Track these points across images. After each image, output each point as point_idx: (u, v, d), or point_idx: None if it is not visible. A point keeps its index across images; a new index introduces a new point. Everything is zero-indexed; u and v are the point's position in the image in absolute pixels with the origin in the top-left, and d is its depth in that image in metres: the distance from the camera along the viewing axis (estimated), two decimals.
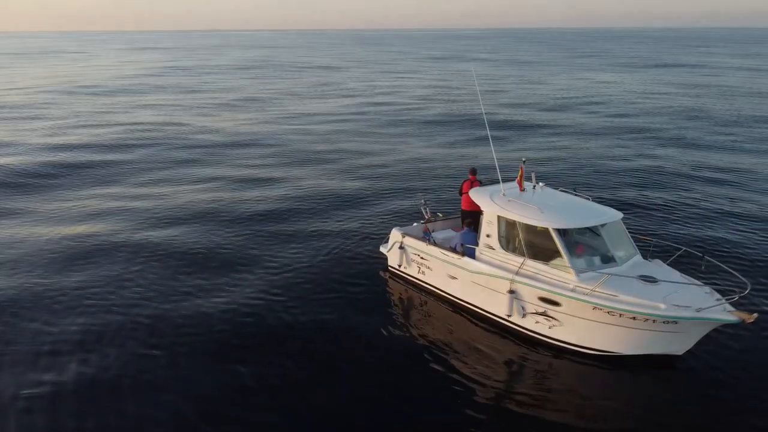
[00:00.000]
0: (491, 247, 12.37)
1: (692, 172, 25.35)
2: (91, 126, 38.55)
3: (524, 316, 11.73)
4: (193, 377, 10.83)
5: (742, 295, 9.78)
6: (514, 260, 11.80)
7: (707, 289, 10.59)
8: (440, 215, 15.77)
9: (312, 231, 18.27)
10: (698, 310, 9.81)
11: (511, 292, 11.64)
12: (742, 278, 10.33)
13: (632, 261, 11.53)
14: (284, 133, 36.37)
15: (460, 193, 15.20)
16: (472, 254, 12.73)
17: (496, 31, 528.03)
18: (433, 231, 14.91)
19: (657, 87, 58.52)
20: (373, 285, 14.53)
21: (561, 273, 11.08)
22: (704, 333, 10.38)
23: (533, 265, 11.43)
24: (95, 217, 20.24)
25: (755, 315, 9.47)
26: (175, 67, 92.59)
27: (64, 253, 16.82)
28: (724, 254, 15.45)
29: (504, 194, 12.68)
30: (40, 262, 16.19)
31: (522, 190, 12.88)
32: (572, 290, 10.81)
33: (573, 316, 10.93)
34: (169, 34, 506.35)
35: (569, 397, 10.12)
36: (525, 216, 11.68)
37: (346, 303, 13.53)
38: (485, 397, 10.11)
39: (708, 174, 24.96)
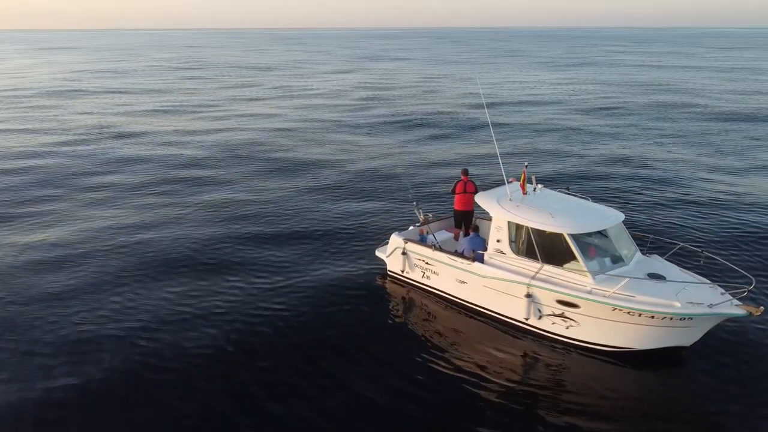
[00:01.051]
0: (502, 252, 12.68)
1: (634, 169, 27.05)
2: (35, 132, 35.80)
3: (540, 318, 12.15)
4: (188, 384, 10.81)
5: (749, 289, 10.59)
6: (528, 264, 12.17)
7: (710, 284, 11.41)
8: (431, 216, 15.92)
9: (298, 238, 17.96)
10: (710, 306, 10.55)
11: (528, 295, 12.02)
12: (745, 273, 11.23)
13: (636, 258, 12.21)
14: (232, 135, 35.37)
15: (453, 193, 15.45)
16: (480, 259, 13.01)
17: (408, 30, 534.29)
18: (428, 233, 15.07)
19: (580, 84, 61.69)
20: (375, 291, 14.52)
21: (576, 276, 11.56)
22: (712, 326, 11.18)
23: (548, 269, 11.85)
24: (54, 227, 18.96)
25: (761, 308, 10.32)
26: (102, 70, 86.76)
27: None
28: (698, 243, 16.67)
29: (510, 199, 13.02)
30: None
31: (525, 193, 13.29)
32: (589, 292, 11.32)
33: (591, 316, 11.45)
34: (69, 33, 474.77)
35: (583, 391, 10.62)
36: (537, 222, 12.06)
37: (347, 311, 13.47)
38: (498, 394, 10.50)
39: (625, 168, 26.72)
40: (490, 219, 15.80)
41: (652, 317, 10.85)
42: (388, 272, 15.10)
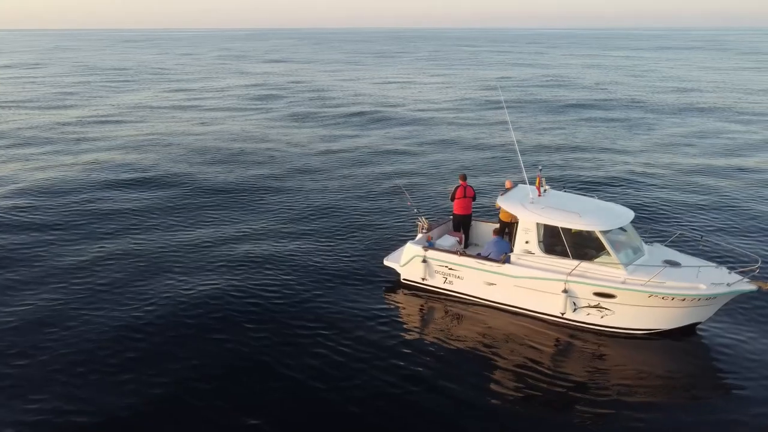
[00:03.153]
0: (530, 252, 13.41)
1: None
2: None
3: (575, 310, 13.05)
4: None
5: (758, 266, 12.27)
6: (560, 262, 13.02)
7: (716, 266, 13.04)
8: (425, 220, 16.22)
9: (299, 253, 17.32)
10: (729, 285, 12.12)
11: (565, 291, 12.87)
12: (748, 253, 12.99)
13: (647, 249, 13.59)
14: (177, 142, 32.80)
15: (452, 199, 15.96)
16: (508, 261, 13.65)
17: (266, 31, 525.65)
18: (433, 239, 15.42)
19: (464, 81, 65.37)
20: (390, 300, 14.55)
21: (609, 269, 12.61)
22: (725, 302, 12.81)
23: (583, 265, 12.78)
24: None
25: None
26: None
27: None
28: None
29: (532, 201, 13.80)
30: None
31: (540, 194, 14.17)
32: (623, 282, 12.43)
33: (626, 304, 12.56)
34: None
35: (618, 373, 11.63)
36: (568, 221, 12.94)
37: (372, 322, 13.41)
38: (537, 383, 11.23)
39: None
40: (485, 221, 16.70)
41: (683, 300, 12.20)
42: (403, 281, 15.22)
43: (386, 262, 15.68)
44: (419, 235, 15.51)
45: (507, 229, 15.41)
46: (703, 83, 65.01)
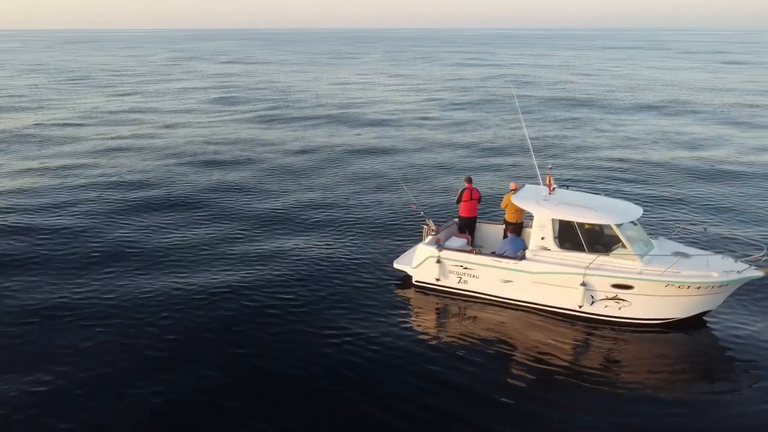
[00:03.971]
0: (546, 248, 13.64)
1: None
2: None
3: (593, 303, 13.34)
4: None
5: (763, 254, 12.86)
6: (576, 256, 13.28)
7: (723, 255, 13.59)
8: (432, 223, 16.28)
9: (305, 258, 17.00)
10: (739, 272, 12.65)
11: (583, 284, 13.14)
12: (754, 242, 13.58)
13: (655, 242, 14.04)
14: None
15: (458, 201, 16.07)
16: (522, 258, 13.84)
17: (208, 32, 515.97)
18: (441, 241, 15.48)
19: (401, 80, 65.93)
20: (403, 302, 14.50)
21: (626, 261, 12.95)
22: (734, 290, 13.36)
23: (600, 258, 13.09)
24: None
25: None
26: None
27: None
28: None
29: (545, 199, 14.04)
30: None
31: (550, 192, 14.43)
32: (640, 273, 12.81)
33: (644, 294, 12.93)
34: None
35: (634, 362, 11.97)
36: (583, 216, 13.23)
37: (390, 326, 13.31)
38: (555, 376, 11.47)
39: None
40: (489, 223, 16.84)
41: (698, 288, 12.66)
42: (415, 282, 15.19)
43: (396, 265, 15.63)
44: (428, 238, 15.51)
45: (513, 231, 15.58)
46: (653, 82, 67.74)
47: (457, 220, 16.57)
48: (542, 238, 13.66)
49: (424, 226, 16.40)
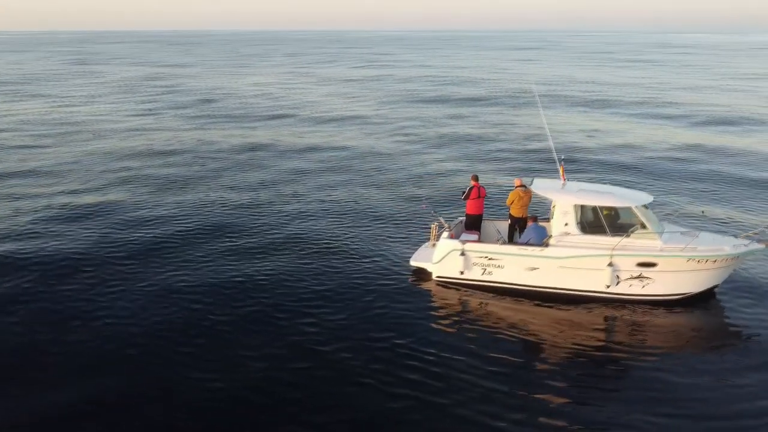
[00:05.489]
0: (569, 234, 14.09)
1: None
2: None
3: (618, 283, 13.94)
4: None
5: (759, 230, 14.04)
6: (600, 239, 13.81)
7: (720, 234, 14.69)
8: (443, 220, 16.35)
9: (319, 261, 16.46)
10: (745, 246, 13.74)
11: (610, 264, 13.70)
12: (743, 220, 14.75)
13: (663, 224, 14.93)
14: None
15: (466, 199, 16.19)
16: (548, 245, 14.22)
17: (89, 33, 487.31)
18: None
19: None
20: (434, 298, 14.49)
21: (647, 240, 13.66)
22: (739, 265, 14.44)
23: (625, 240, 13.70)
24: None
25: None
26: None
27: None
28: None
29: (564, 187, 14.51)
30: None
31: (563, 182, 14.93)
32: (662, 250, 13.58)
33: (666, 271, 13.67)
34: None
35: (661, 338, 12.70)
36: (605, 201, 13.83)
37: (419, 322, 13.27)
38: (585, 357, 11.99)
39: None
40: (493, 220, 17.08)
41: (714, 261, 13.59)
42: (437, 278, 15.14)
43: (414, 263, 15.55)
44: (444, 233, 15.46)
45: (517, 225, 15.96)
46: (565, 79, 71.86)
47: (462, 219, 16.70)
48: (566, 224, 14.08)
49: (433, 225, 16.44)
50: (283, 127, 39.10)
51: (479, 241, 15.93)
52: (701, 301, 14.11)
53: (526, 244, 14.41)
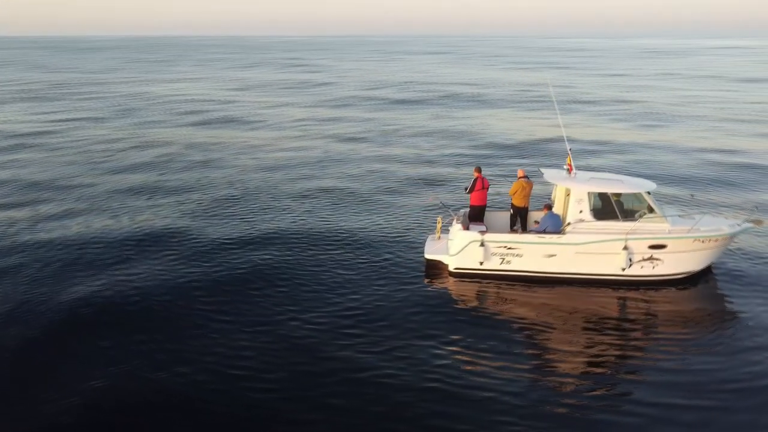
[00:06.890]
0: (583, 221, 14.63)
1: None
2: None
3: (631, 266, 14.63)
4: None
5: (756, 209, 15.26)
6: (613, 225, 14.45)
7: (709, 216, 15.82)
8: (452, 212, 16.45)
9: (331, 255, 16.03)
10: (739, 225, 14.89)
11: (625, 248, 14.36)
12: (742, 202, 15.97)
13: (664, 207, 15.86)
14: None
15: (471, 191, 16.40)
16: (561, 232, 14.69)
17: None
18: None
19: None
20: (452, 290, 14.50)
21: (656, 224, 14.45)
22: (731, 244, 15.58)
23: (636, 224, 14.41)
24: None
25: (764, 220, 15.11)
26: None
27: None
28: None
29: (574, 176, 15.05)
30: None
31: (571, 172, 15.50)
32: (670, 233, 14.43)
33: (674, 252, 14.51)
34: None
35: (671, 315, 13.42)
36: (617, 188, 14.48)
37: (431, 320, 13.21)
38: (607, 338, 12.54)
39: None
40: (496, 211, 17.39)
41: (716, 240, 14.61)
42: (454, 270, 15.16)
43: (428, 256, 15.51)
44: (457, 225, 15.53)
45: (519, 215, 16.35)
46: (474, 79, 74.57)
47: (465, 210, 16.85)
48: (580, 212, 14.62)
49: (438, 218, 16.47)
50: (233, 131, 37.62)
51: (487, 231, 16.22)
52: (702, 281, 15.10)
53: (543, 231, 14.79)
